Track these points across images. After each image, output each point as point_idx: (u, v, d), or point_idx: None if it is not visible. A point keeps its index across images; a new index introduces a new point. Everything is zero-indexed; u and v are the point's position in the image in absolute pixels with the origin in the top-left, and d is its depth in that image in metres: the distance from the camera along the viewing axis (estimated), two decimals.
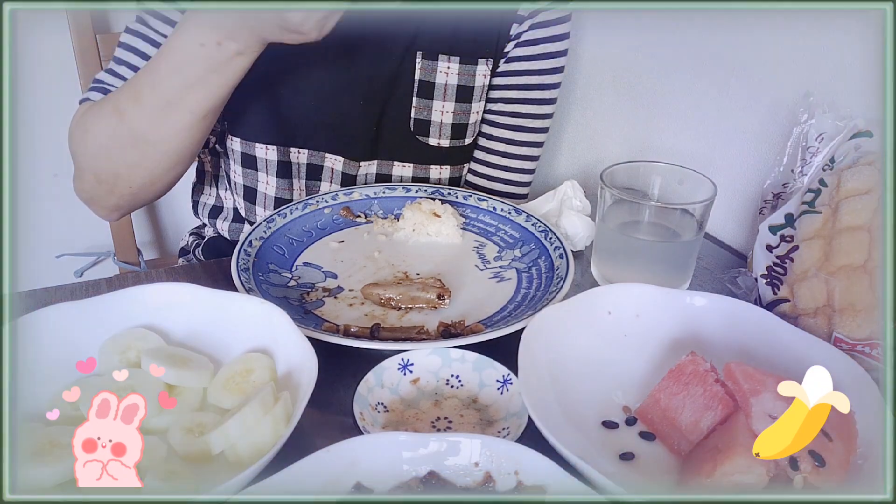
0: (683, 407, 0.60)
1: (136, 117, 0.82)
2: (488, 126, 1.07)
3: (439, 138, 1.04)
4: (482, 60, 1.00)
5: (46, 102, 1.35)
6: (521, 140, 1.07)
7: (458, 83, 1.01)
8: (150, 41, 0.93)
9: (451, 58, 0.99)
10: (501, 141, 1.07)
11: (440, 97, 1.01)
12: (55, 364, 0.63)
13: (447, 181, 1.10)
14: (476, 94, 1.02)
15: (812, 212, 0.75)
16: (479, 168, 1.10)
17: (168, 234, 1.61)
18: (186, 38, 0.78)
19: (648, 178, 0.86)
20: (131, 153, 0.85)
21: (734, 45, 0.97)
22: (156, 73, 0.81)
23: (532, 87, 1.04)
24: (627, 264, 0.83)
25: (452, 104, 1.02)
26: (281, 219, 0.93)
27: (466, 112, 1.03)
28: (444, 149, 1.05)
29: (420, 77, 0.99)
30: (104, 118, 0.84)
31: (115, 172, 0.88)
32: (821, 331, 0.70)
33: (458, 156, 1.08)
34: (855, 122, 0.77)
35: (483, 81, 1.02)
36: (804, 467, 0.52)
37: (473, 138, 1.07)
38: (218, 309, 0.69)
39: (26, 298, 0.79)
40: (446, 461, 0.53)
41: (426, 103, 1.01)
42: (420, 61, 0.99)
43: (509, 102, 1.05)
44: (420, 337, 0.74)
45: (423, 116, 1.02)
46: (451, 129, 1.04)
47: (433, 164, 1.07)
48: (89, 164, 0.89)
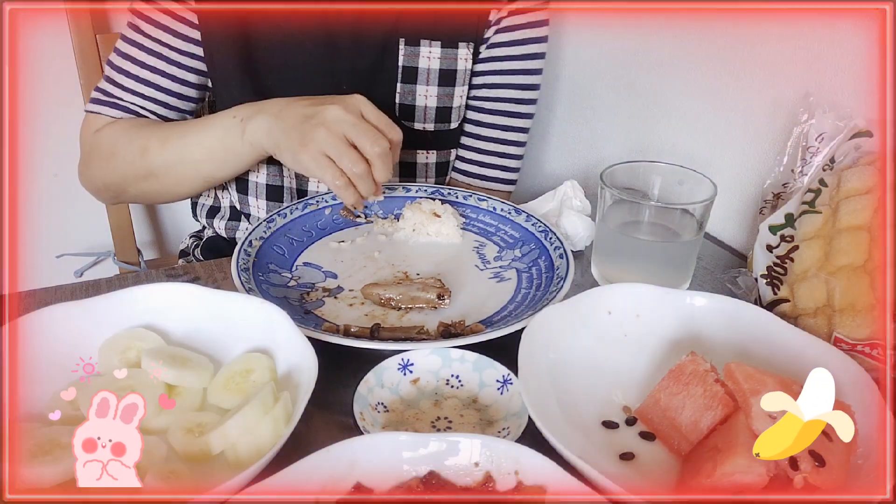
0: (683, 407, 0.60)
1: (157, 159, 0.94)
2: (473, 112, 1.09)
3: (424, 122, 1.06)
4: (463, 44, 1.02)
5: (46, 102, 1.35)
6: (505, 125, 1.09)
7: (441, 67, 1.03)
8: (143, 48, 0.96)
9: (432, 42, 1.01)
10: (487, 126, 1.09)
11: (423, 82, 1.03)
12: (55, 364, 0.63)
13: (434, 166, 1.11)
14: (459, 77, 1.04)
15: (812, 212, 0.75)
16: (466, 154, 1.11)
17: (168, 235, 1.61)
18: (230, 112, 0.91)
19: (648, 178, 0.86)
20: (142, 183, 0.97)
21: (734, 44, 0.97)
22: (189, 126, 0.94)
23: (514, 72, 1.06)
24: (627, 264, 0.83)
25: (436, 88, 1.04)
26: (281, 219, 0.93)
27: (450, 96, 1.05)
28: (429, 133, 1.07)
29: (403, 63, 1.01)
30: (131, 149, 0.95)
31: (124, 188, 1.00)
32: (821, 331, 0.70)
33: (444, 140, 1.09)
34: (855, 122, 0.77)
35: (465, 65, 1.04)
36: (804, 467, 0.52)
37: (459, 123, 1.09)
38: (218, 309, 0.69)
39: (26, 298, 0.79)
40: (446, 461, 0.53)
41: (410, 88, 1.03)
42: (403, 47, 1.00)
43: (493, 88, 1.07)
44: (420, 337, 0.74)
45: (408, 101, 1.04)
46: (436, 112, 1.06)
47: (419, 150, 1.09)
48: (103, 177, 1.01)
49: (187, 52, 0.97)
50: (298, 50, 0.98)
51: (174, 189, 0.99)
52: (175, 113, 1.01)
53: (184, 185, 0.98)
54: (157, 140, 0.94)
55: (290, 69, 0.99)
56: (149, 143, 0.94)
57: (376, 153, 0.81)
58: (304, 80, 1.00)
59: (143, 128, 0.96)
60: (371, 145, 0.81)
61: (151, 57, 0.96)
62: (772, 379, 0.57)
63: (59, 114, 1.34)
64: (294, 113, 0.84)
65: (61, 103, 1.33)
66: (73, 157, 1.04)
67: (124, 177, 0.98)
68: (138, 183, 0.97)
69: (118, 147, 0.96)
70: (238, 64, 0.98)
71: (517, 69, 1.06)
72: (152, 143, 0.94)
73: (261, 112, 0.87)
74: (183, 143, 0.92)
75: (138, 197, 1.03)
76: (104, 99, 0.99)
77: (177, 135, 0.93)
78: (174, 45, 0.96)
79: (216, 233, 1.14)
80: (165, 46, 0.96)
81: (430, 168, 1.11)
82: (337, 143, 0.81)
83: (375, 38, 1.00)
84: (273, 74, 0.99)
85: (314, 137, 0.81)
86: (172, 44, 0.96)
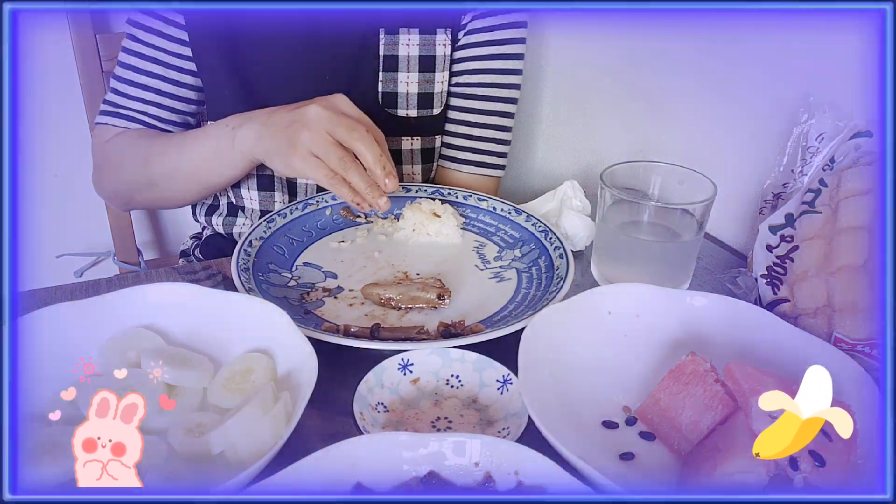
0: (683, 407, 0.60)
1: (157, 169, 0.98)
2: (456, 98, 1.10)
3: (407, 109, 1.08)
4: (440, 30, 1.04)
5: (46, 102, 1.35)
6: (489, 110, 1.10)
7: (420, 53, 1.04)
8: (141, 56, 1.01)
9: (410, 29, 1.03)
10: (470, 111, 1.10)
11: (404, 69, 1.05)
12: (55, 364, 0.63)
13: (419, 152, 1.12)
14: (438, 63, 1.06)
15: (812, 212, 0.75)
16: (451, 140, 1.12)
17: (168, 235, 1.61)
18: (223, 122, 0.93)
19: (648, 178, 0.86)
20: (147, 191, 1.02)
21: (734, 45, 0.97)
22: (186, 137, 0.97)
23: (494, 56, 1.07)
24: (627, 264, 0.83)
25: (416, 74, 1.05)
26: (281, 219, 0.93)
27: (430, 81, 1.07)
28: (412, 119, 1.09)
29: (384, 52, 1.03)
30: (135, 159, 1.00)
31: (132, 196, 1.06)
32: (821, 331, 0.70)
33: (428, 126, 1.10)
34: (855, 122, 0.77)
35: (444, 51, 1.06)
36: (804, 467, 0.52)
37: (441, 109, 1.10)
38: (218, 309, 0.69)
39: (26, 298, 0.79)
40: (446, 461, 0.53)
41: (391, 76, 1.05)
42: (383, 37, 1.03)
43: (474, 73, 1.08)
44: (420, 337, 0.74)
45: (390, 89, 1.06)
46: (418, 98, 1.07)
47: (404, 136, 1.10)
48: (112, 185, 1.06)
49: (180, 55, 1.01)
50: (281, 43, 1.01)
51: (175, 196, 1.04)
52: (177, 115, 1.05)
53: (183, 193, 1.03)
54: (157, 151, 0.98)
55: (273, 64, 1.02)
56: (150, 153, 0.99)
57: (355, 138, 0.82)
58: (287, 73, 1.02)
59: (146, 139, 1.01)
60: (348, 133, 0.82)
61: (149, 63, 1.01)
62: (772, 379, 0.57)
63: (59, 114, 1.34)
64: (279, 119, 0.86)
65: (61, 103, 1.33)
66: (73, 158, 1.05)
67: (130, 186, 1.03)
68: (143, 191, 1.02)
69: (124, 158, 1.01)
70: (224, 61, 1.00)
71: (497, 54, 1.07)
72: (153, 154, 0.98)
73: (250, 120, 0.90)
74: (180, 153, 0.96)
75: (145, 204, 1.08)
76: (111, 110, 1.04)
77: (175, 146, 0.97)
78: (167, 48, 1.01)
79: (215, 231, 1.15)
80: (160, 51, 1.01)
81: (415, 154, 1.12)
82: (321, 142, 0.82)
83: (355, 29, 1.02)
84: (257, 68, 1.02)
85: (299, 140, 0.82)
86: (166, 48, 1.01)
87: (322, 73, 1.03)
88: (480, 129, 1.11)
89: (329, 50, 1.02)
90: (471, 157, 1.12)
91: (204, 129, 0.97)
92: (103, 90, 1.27)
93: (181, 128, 1.07)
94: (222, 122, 0.93)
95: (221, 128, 0.92)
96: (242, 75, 1.01)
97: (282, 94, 1.02)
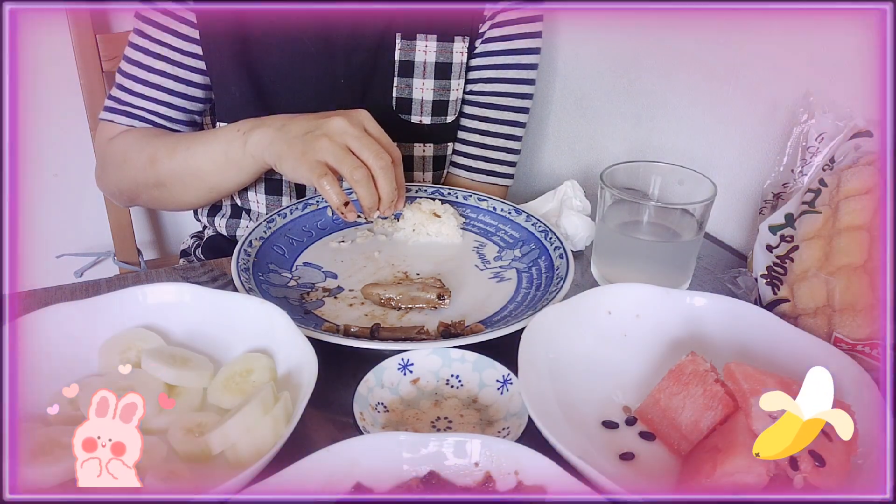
0: (683, 407, 0.60)
1: (165, 169, 0.96)
2: (470, 106, 1.10)
3: (421, 115, 1.07)
4: (458, 38, 1.04)
5: (47, 102, 1.35)
6: (502, 119, 1.10)
7: (437, 60, 1.04)
8: (148, 52, 0.99)
9: (428, 36, 1.03)
10: (483, 120, 1.10)
11: (420, 75, 1.05)
12: (55, 364, 0.63)
13: (431, 159, 1.12)
14: (455, 71, 1.06)
15: (812, 212, 0.75)
16: (462, 148, 1.13)
17: (168, 235, 1.61)
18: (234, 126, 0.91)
19: (648, 178, 0.86)
20: (153, 190, 1.00)
21: (734, 45, 0.97)
22: (195, 138, 0.95)
23: (510, 66, 1.08)
24: (627, 264, 0.83)
25: (432, 81, 1.05)
26: (281, 219, 0.93)
27: (446, 89, 1.07)
28: (426, 126, 1.08)
29: (400, 57, 1.03)
30: (141, 158, 0.97)
31: (136, 194, 1.03)
32: (821, 331, 0.70)
33: (440, 133, 1.10)
34: (855, 122, 0.77)
35: (461, 59, 1.06)
36: (804, 467, 0.52)
37: (455, 116, 1.10)
38: (218, 309, 0.69)
39: (26, 298, 0.79)
40: (446, 461, 0.53)
41: (407, 81, 1.05)
42: (399, 42, 1.02)
43: (489, 82, 1.08)
44: (420, 337, 0.74)
45: (405, 95, 1.05)
46: (433, 105, 1.07)
47: (416, 143, 1.10)
48: (117, 183, 1.04)
49: (189, 53, 0.99)
50: (295, 46, 1.00)
51: (181, 198, 1.01)
52: (183, 114, 1.04)
53: (190, 195, 1.00)
54: (165, 150, 0.96)
55: (286, 65, 1.01)
56: (157, 153, 0.96)
57: (380, 166, 0.82)
58: (301, 76, 1.01)
59: (153, 138, 0.99)
60: (375, 158, 0.82)
61: (156, 60, 0.99)
62: (772, 379, 0.57)
63: (59, 114, 1.34)
64: (297, 126, 0.85)
65: (61, 103, 1.33)
66: (73, 158, 1.04)
67: (135, 184, 1.01)
68: (149, 190, 1.00)
69: (129, 156, 0.99)
70: (235, 61, 0.99)
71: (512, 63, 1.07)
72: (161, 154, 0.96)
73: (263, 125, 0.88)
74: (189, 153, 0.94)
75: (150, 203, 1.06)
76: (116, 107, 1.02)
77: (183, 146, 0.95)
78: (177, 45, 0.99)
79: (217, 232, 1.15)
80: (168, 48, 0.99)
81: (427, 161, 1.12)
82: (338, 151, 0.81)
83: (372, 34, 1.01)
84: (269, 70, 1.01)
85: (316, 147, 0.81)
86: (175, 45, 0.99)
87: (336, 76, 1.02)
88: (493, 137, 1.11)
89: (344, 53, 1.01)
90: (482, 165, 1.12)
91: (213, 132, 0.96)
92: (103, 90, 1.27)
93: (188, 126, 1.06)
94: (233, 126, 0.91)
95: (232, 131, 0.91)
96: (254, 75, 1.00)
97: (294, 94, 1.02)
